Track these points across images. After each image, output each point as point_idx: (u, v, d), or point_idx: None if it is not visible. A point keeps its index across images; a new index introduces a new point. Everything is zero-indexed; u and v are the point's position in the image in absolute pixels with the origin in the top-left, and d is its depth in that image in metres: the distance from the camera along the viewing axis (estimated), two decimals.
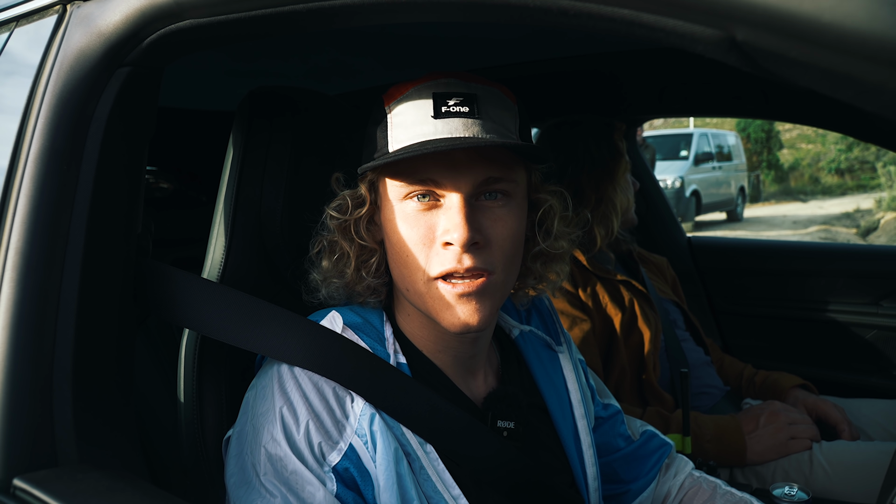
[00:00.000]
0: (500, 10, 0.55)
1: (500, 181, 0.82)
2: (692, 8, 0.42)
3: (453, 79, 0.84)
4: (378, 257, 0.90)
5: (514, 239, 0.84)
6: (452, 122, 0.80)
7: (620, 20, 0.47)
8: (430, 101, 0.81)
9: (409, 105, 0.83)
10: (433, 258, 0.81)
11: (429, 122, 0.81)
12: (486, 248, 0.81)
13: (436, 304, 0.83)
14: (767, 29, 0.40)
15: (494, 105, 0.83)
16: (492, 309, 0.83)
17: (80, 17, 0.86)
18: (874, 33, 0.35)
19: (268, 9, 0.70)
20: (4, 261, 0.76)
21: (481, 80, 0.85)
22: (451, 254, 0.80)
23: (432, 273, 0.81)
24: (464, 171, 0.80)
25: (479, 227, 0.81)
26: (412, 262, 0.83)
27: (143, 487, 0.69)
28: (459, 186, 0.80)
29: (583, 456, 1.01)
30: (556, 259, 0.95)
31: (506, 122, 0.83)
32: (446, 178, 0.80)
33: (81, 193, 0.79)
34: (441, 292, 0.82)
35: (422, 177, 0.81)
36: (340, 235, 0.90)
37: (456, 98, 0.81)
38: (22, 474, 0.68)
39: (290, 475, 0.77)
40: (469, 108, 0.81)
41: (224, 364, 0.98)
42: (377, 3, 0.61)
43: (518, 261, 0.88)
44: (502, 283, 0.85)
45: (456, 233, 0.78)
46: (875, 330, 2.28)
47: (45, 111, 0.81)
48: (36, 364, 0.74)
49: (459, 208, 0.79)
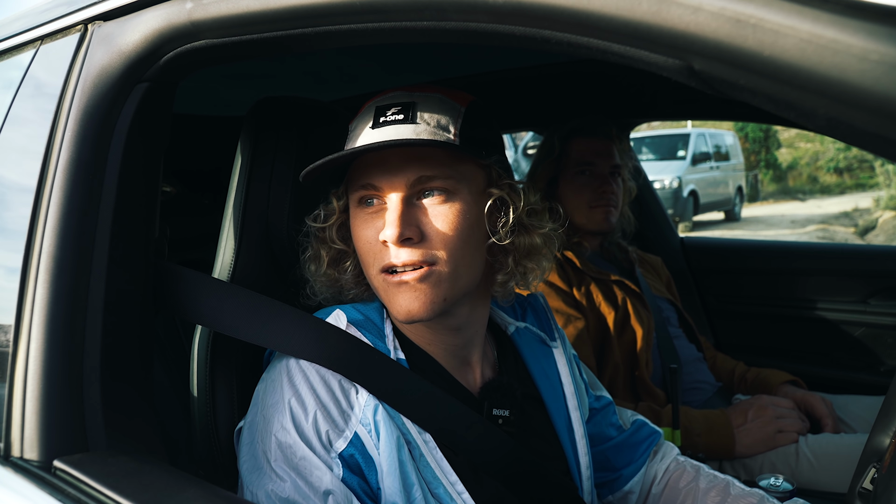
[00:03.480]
0: (490, 37, 0.61)
1: (434, 179, 0.88)
2: (655, 42, 0.48)
3: (399, 91, 0.92)
4: (353, 259, 0.98)
5: (457, 230, 0.88)
6: (386, 130, 0.88)
7: (595, 48, 0.54)
8: (372, 114, 0.91)
9: (359, 120, 0.93)
10: (378, 255, 0.89)
11: (367, 133, 0.89)
12: (423, 243, 0.88)
13: (385, 296, 0.91)
14: (719, 60, 0.46)
15: (433, 109, 0.89)
16: (435, 297, 0.88)
17: (101, 36, 0.92)
18: (803, 67, 0.41)
19: (280, 31, 0.76)
20: (38, 264, 0.82)
21: (429, 89, 0.92)
22: (391, 248, 0.88)
23: (378, 268, 0.90)
24: (397, 172, 0.87)
25: (417, 224, 0.88)
26: (366, 259, 0.92)
27: (168, 469, 0.75)
28: (395, 187, 0.88)
29: (576, 445, 1.07)
30: (529, 254, 0.97)
31: (443, 123, 0.89)
32: (382, 181, 0.88)
33: (105, 201, 0.85)
34: (385, 284, 0.90)
35: (363, 182, 0.90)
36: (318, 242, 0.99)
37: (394, 108, 0.89)
38: (60, 457, 0.75)
39: (299, 461, 0.83)
40: (404, 115, 0.88)
41: (235, 359, 1.04)
42: (381, 28, 0.67)
43: (471, 253, 0.91)
44: (449, 275, 0.89)
45: (388, 230, 0.86)
46: (863, 328, 2.34)
47: (71, 125, 0.87)
48: (68, 358, 0.80)
49: (394, 207, 0.87)
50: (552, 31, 0.54)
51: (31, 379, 0.79)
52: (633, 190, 2.01)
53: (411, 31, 0.67)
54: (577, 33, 0.52)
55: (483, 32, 0.60)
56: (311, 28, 0.73)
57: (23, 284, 0.84)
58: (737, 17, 0.44)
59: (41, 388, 0.78)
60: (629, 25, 0.48)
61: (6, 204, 0.94)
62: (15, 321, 0.82)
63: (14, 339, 0.82)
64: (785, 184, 17.54)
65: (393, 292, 0.89)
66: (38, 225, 0.84)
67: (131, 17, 0.90)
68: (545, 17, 0.53)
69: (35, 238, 0.84)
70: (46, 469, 0.76)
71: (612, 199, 1.87)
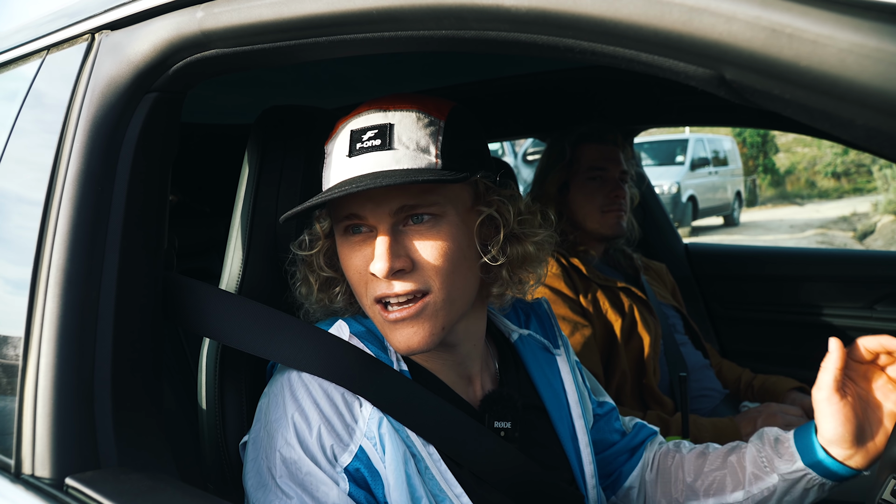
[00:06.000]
0: (510, 46, 0.60)
1: (418, 206, 0.85)
2: (686, 51, 0.47)
3: (374, 109, 0.87)
4: (342, 285, 0.96)
5: (448, 256, 0.86)
6: (363, 159, 0.84)
7: (622, 57, 0.53)
8: (348, 140, 0.86)
9: (336, 144, 0.88)
10: (370, 285, 0.87)
11: (344, 162, 0.85)
12: (416, 271, 0.85)
13: (381, 327, 0.89)
14: (752, 70, 0.45)
15: (410, 129, 0.84)
16: (433, 329, 0.86)
17: (109, 45, 0.91)
18: (844, 77, 0.40)
19: (293, 41, 0.75)
20: (47, 277, 0.81)
21: (404, 103, 0.87)
22: (382, 281, 0.85)
23: (370, 298, 0.87)
24: (380, 202, 0.84)
25: (407, 252, 0.85)
26: (358, 289, 0.89)
27: (182, 487, 0.73)
28: (379, 217, 0.84)
29: (580, 453, 1.05)
30: (523, 264, 0.95)
31: (423, 144, 0.84)
32: (366, 211, 0.85)
33: (115, 213, 0.84)
34: (381, 318, 0.87)
35: (346, 213, 0.86)
36: (305, 268, 0.97)
37: (371, 132, 0.84)
38: (72, 474, 0.73)
39: (304, 477, 0.82)
40: (381, 140, 0.84)
41: (244, 371, 1.03)
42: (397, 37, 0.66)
43: (464, 275, 0.89)
44: (445, 301, 0.86)
45: (377, 264, 0.83)
46: (869, 334, 2.33)
47: (79, 136, 0.86)
48: (79, 373, 0.79)
49: (381, 240, 0.84)
50: (576, 41, 0.53)
51: (42, 395, 0.77)
52: (637, 196, 2.01)
53: (428, 41, 0.65)
54: (604, 42, 0.51)
55: (503, 41, 0.59)
56: (325, 37, 0.72)
57: (32, 298, 0.82)
58: (772, 27, 0.43)
59: (52, 405, 0.77)
60: (659, 35, 0.47)
61: (14, 216, 0.93)
62: (24, 335, 0.81)
63: (24, 354, 0.80)
64: (783, 188, 17.58)
65: (390, 328, 0.87)
66: (46, 237, 0.83)
67: (140, 26, 0.89)
68: (570, 26, 0.52)
69: (44, 251, 0.82)
70: (58, 487, 0.74)
71: (623, 203, 1.87)
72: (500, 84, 1.94)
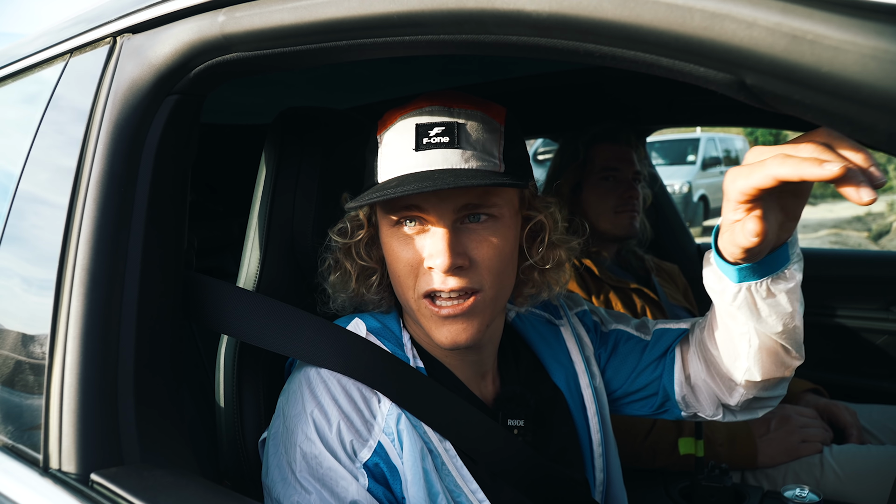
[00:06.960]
0: (529, 50, 0.61)
1: (480, 206, 0.86)
2: (707, 56, 0.47)
3: (437, 105, 0.87)
4: (378, 275, 0.97)
5: (501, 257, 0.88)
6: (432, 155, 0.83)
7: (642, 62, 0.53)
8: (413, 133, 0.85)
9: (396, 135, 0.87)
10: (421, 278, 0.87)
11: (410, 155, 0.85)
12: (471, 269, 0.86)
13: (426, 322, 0.89)
14: (773, 76, 0.45)
15: (476, 130, 0.86)
16: (480, 326, 0.88)
17: (131, 48, 0.92)
18: (866, 82, 0.41)
19: (314, 44, 0.75)
20: (72, 277, 0.83)
21: (467, 104, 0.88)
22: (436, 275, 0.86)
23: (420, 292, 0.88)
24: (445, 197, 0.84)
25: (464, 250, 0.86)
26: (404, 281, 0.89)
27: (204, 484, 0.75)
28: (442, 213, 0.85)
29: (589, 427, 1.04)
30: (556, 268, 0.98)
31: (488, 147, 0.86)
32: (429, 205, 0.85)
33: (137, 213, 0.85)
34: (429, 311, 0.88)
35: (406, 204, 0.86)
36: (343, 256, 0.97)
37: (438, 128, 0.84)
38: (96, 470, 0.75)
39: (324, 472, 0.83)
40: (450, 137, 0.84)
41: (261, 368, 1.04)
42: (417, 41, 0.67)
43: (510, 275, 0.92)
44: (492, 300, 0.89)
45: (438, 259, 0.83)
46: (886, 335, 2.31)
47: (102, 138, 0.87)
48: (103, 371, 0.80)
49: (442, 235, 0.84)
50: (597, 45, 0.54)
51: (68, 392, 0.79)
52: (649, 197, 2.01)
53: (449, 45, 0.66)
54: (625, 47, 0.52)
55: (523, 46, 0.60)
56: (346, 41, 0.73)
57: (57, 298, 0.84)
58: (793, 33, 0.43)
59: (77, 402, 0.78)
60: (680, 40, 0.48)
61: (39, 219, 0.95)
62: (50, 334, 0.83)
63: (49, 352, 0.82)
64: None
65: (437, 322, 0.88)
66: (71, 239, 0.84)
67: (161, 29, 0.90)
68: (591, 31, 0.52)
69: (69, 252, 0.84)
70: (84, 482, 0.76)
71: (636, 204, 1.87)
72: (513, 84, 1.94)
